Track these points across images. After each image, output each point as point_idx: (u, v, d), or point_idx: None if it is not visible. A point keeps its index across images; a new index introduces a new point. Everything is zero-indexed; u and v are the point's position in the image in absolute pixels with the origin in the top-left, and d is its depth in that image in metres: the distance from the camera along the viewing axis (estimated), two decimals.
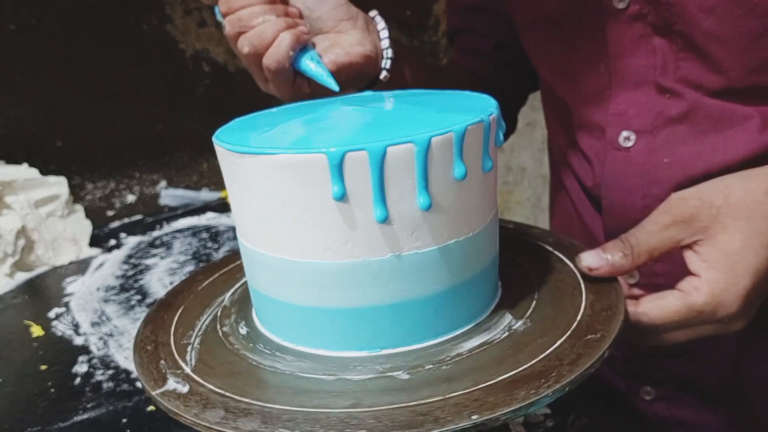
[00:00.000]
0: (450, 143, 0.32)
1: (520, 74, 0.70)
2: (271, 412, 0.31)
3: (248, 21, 0.45)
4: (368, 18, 0.51)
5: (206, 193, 1.09)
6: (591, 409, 0.49)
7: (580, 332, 0.35)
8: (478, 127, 0.34)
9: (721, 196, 0.40)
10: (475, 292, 0.37)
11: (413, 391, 0.31)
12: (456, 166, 0.33)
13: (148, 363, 0.37)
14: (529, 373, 0.31)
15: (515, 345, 0.34)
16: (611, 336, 0.34)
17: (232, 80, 1.10)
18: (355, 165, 0.31)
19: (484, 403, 0.29)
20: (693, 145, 0.50)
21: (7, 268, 0.77)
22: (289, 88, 0.48)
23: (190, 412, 0.31)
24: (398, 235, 0.33)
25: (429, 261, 0.34)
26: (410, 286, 0.34)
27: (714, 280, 0.39)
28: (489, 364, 0.33)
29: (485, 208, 0.37)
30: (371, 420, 0.29)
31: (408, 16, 1.27)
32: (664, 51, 0.50)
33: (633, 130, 0.52)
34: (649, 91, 0.51)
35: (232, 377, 0.34)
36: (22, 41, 0.90)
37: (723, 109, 0.49)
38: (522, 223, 0.52)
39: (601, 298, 0.38)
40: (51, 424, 0.49)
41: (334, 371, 0.34)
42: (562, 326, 0.35)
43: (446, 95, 0.42)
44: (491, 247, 0.38)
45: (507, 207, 1.70)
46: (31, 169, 0.82)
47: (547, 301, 0.39)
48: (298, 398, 0.32)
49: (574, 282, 0.41)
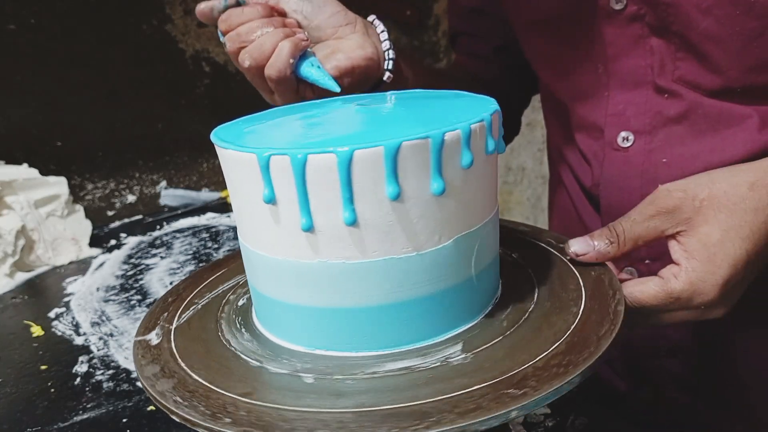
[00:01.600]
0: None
1: (521, 76, 0.71)
2: (220, 398, 0.32)
3: (247, 36, 0.47)
4: (367, 22, 0.52)
5: (206, 193, 1.09)
6: (591, 409, 0.49)
7: (580, 332, 0.35)
8: (421, 142, 0.33)
9: (705, 189, 0.42)
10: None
11: (412, 391, 0.31)
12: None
13: (155, 311, 0.41)
14: (529, 372, 0.31)
15: (515, 344, 0.34)
16: (611, 336, 0.34)
17: (233, 80, 1.10)
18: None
19: (484, 402, 0.29)
20: (691, 145, 0.51)
21: (7, 268, 0.77)
22: (294, 96, 0.49)
23: (140, 363, 0.36)
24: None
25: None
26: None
27: (692, 269, 0.40)
28: (489, 364, 0.33)
29: (488, 200, 0.37)
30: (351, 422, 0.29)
31: (408, 16, 1.27)
32: (661, 51, 0.50)
33: (631, 131, 0.52)
34: (647, 91, 0.51)
35: (196, 342, 0.37)
36: (22, 41, 0.90)
37: (721, 109, 0.49)
38: (522, 224, 0.52)
39: (601, 299, 0.38)
40: (51, 424, 0.49)
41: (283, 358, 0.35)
42: (562, 326, 0.35)
43: (443, 97, 0.42)
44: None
45: (507, 207, 1.70)
46: (31, 169, 0.82)
47: (546, 300, 0.39)
48: (238, 385, 0.33)
49: (574, 282, 0.41)
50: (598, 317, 0.36)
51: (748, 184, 0.41)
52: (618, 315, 0.36)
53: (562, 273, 0.42)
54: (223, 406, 0.31)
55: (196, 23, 1.05)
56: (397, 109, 0.40)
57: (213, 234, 0.90)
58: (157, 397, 0.33)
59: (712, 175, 0.43)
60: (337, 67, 0.48)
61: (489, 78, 0.71)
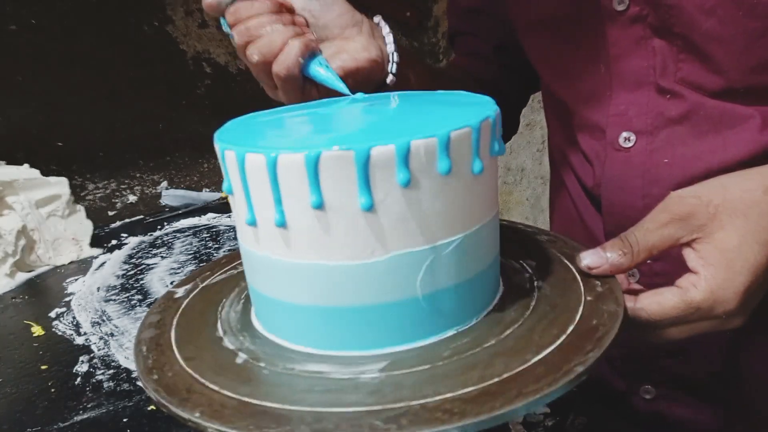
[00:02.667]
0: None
1: (520, 75, 0.71)
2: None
3: (256, 30, 0.46)
4: (373, 24, 0.52)
5: (207, 194, 1.09)
6: (591, 409, 0.49)
7: (580, 331, 0.35)
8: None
9: (719, 194, 0.41)
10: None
11: (404, 391, 0.31)
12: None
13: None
14: (530, 372, 0.31)
15: (514, 344, 0.34)
16: (611, 336, 0.34)
17: (233, 81, 1.10)
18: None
19: (486, 401, 0.29)
20: (693, 146, 0.51)
21: (7, 268, 0.77)
22: (299, 95, 0.49)
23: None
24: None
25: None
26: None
27: (712, 276, 0.39)
28: (489, 363, 0.33)
29: (483, 206, 0.37)
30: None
31: (408, 17, 1.27)
32: (663, 52, 0.50)
33: (633, 131, 0.52)
34: (649, 92, 0.51)
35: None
36: (22, 41, 0.90)
37: (723, 109, 0.49)
38: (523, 223, 0.52)
39: (601, 299, 0.38)
40: (51, 424, 0.49)
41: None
42: (562, 325, 0.35)
43: (443, 97, 0.42)
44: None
45: (507, 207, 1.70)
46: (32, 170, 0.82)
47: (546, 300, 0.39)
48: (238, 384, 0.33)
49: (574, 283, 0.41)
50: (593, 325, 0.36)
51: (763, 189, 0.41)
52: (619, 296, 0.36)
53: (561, 274, 0.42)
54: (221, 404, 0.31)
55: (197, 24, 1.05)
56: (418, 107, 0.40)
57: (214, 234, 0.90)
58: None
59: (723, 180, 0.42)
60: (342, 68, 0.48)
61: (488, 78, 0.71)
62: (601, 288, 0.39)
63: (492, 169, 0.37)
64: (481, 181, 0.35)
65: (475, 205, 0.36)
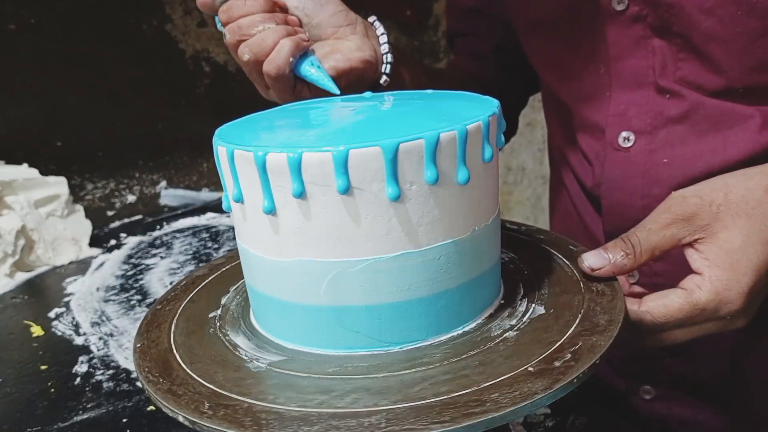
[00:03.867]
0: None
1: (520, 76, 0.71)
2: None
3: (248, 29, 0.46)
4: (367, 23, 0.52)
5: (206, 193, 1.09)
6: (591, 409, 0.49)
7: (580, 332, 0.35)
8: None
9: (721, 194, 0.41)
10: (477, 291, 0.37)
11: (406, 391, 0.31)
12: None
13: None
14: (531, 372, 0.31)
15: (514, 346, 0.34)
16: (611, 336, 0.34)
17: (232, 80, 1.10)
18: None
19: (486, 401, 0.29)
20: (693, 145, 0.50)
21: (7, 268, 0.77)
22: (290, 94, 0.49)
23: None
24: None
25: (427, 261, 0.34)
26: (410, 286, 0.34)
27: (717, 277, 0.39)
28: (490, 363, 0.33)
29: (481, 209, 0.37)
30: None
31: (408, 17, 1.27)
32: (663, 52, 0.50)
33: (632, 131, 0.52)
34: (648, 91, 0.51)
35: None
36: (22, 41, 0.90)
37: (723, 109, 0.49)
38: (523, 224, 0.52)
39: (601, 300, 0.38)
40: (51, 424, 0.49)
41: None
42: (563, 326, 0.35)
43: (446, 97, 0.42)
44: (493, 249, 0.38)
45: (507, 207, 1.70)
46: (31, 170, 0.82)
47: (546, 300, 0.39)
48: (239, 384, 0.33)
49: (574, 283, 0.41)
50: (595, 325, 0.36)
51: (764, 188, 0.41)
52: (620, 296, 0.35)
53: (562, 275, 0.42)
54: (223, 404, 0.31)
55: (196, 23, 1.05)
56: (407, 107, 0.40)
57: (213, 234, 0.90)
58: None
59: (725, 179, 0.42)
60: (335, 68, 0.48)
61: (487, 78, 0.71)
62: (602, 290, 0.39)
63: (486, 175, 0.36)
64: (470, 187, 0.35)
65: (474, 208, 0.36)
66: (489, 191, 0.37)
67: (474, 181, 0.34)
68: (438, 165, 0.32)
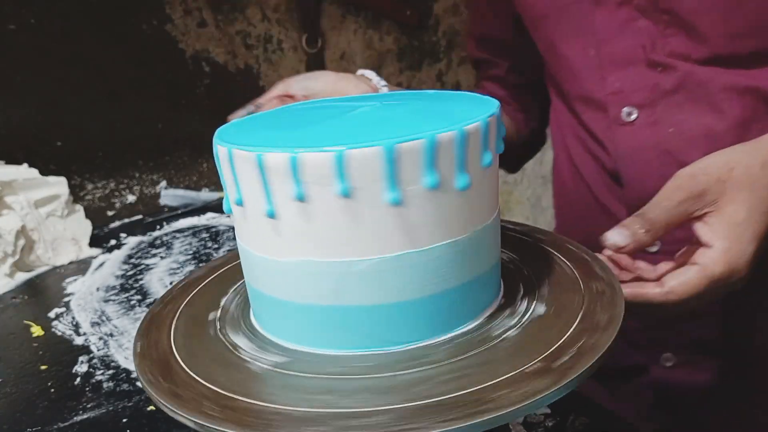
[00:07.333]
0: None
1: (538, 93, 0.75)
2: None
3: None
4: (359, 76, 0.60)
5: (206, 193, 1.09)
6: (591, 409, 0.49)
7: (581, 331, 0.35)
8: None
9: (725, 170, 0.43)
10: (477, 290, 0.37)
11: (408, 391, 0.31)
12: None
13: None
14: (533, 371, 0.31)
15: (515, 344, 0.34)
16: (612, 334, 0.34)
17: (232, 80, 1.10)
18: None
19: (490, 400, 0.29)
20: (693, 113, 0.54)
21: (7, 268, 0.77)
22: None
23: None
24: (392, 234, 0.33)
25: (427, 261, 0.34)
26: (412, 286, 0.34)
27: (727, 249, 0.42)
28: (490, 363, 0.33)
29: (486, 207, 0.37)
30: None
31: (408, 17, 1.27)
32: (650, 31, 0.53)
33: (633, 105, 0.56)
34: (640, 67, 0.55)
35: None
36: (22, 41, 0.90)
37: (713, 74, 0.52)
38: (523, 224, 0.52)
39: (601, 299, 0.38)
40: (51, 424, 0.49)
41: None
42: (563, 325, 0.35)
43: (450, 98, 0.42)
44: (493, 249, 0.38)
45: (507, 207, 1.70)
46: (31, 170, 0.82)
47: (547, 300, 0.39)
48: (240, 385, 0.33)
49: (574, 283, 0.41)
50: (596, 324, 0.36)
51: (760, 164, 0.43)
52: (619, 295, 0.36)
53: (561, 274, 0.42)
54: (229, 406, 0.31)
55: (196, 23, 1.05)
56: (394, 110, 0.40)
57: (213, 234, 0.89)
58: None
59: (727, 155, 0.45)
60: None
61: (510, 100, 0.77)
62: (602, 289, 0.39)
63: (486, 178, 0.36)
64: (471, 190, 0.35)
65: (475, 210, 0.36)
66: (489, 194, 0.37)
67: (474, 185, 0.34)
68: (438, 167, 0.32)
